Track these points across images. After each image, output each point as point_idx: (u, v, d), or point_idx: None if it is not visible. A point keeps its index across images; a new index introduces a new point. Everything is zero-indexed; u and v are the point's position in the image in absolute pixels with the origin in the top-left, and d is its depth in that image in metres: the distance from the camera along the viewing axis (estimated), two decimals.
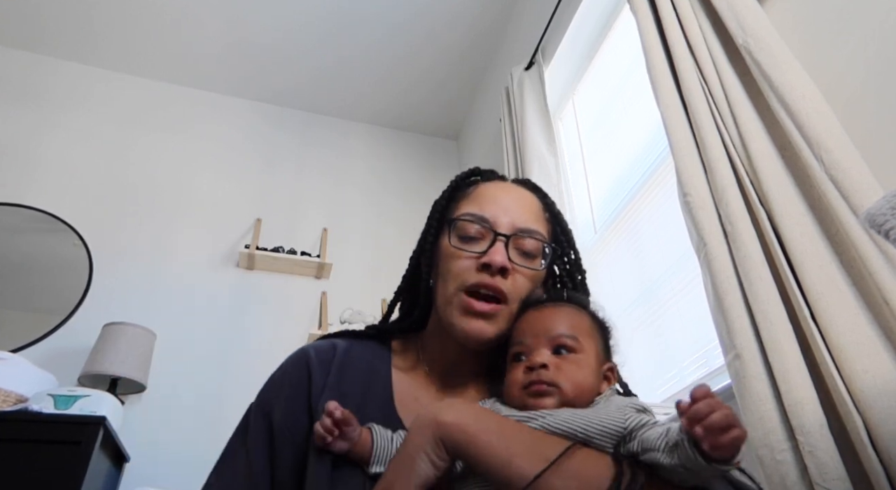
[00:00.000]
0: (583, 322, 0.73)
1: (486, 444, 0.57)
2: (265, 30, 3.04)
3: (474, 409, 0.63)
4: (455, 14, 2.95)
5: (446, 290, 0.77)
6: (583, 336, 0.71)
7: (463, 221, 0.79)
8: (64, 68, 3.15)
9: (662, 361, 1.61)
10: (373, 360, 0.81)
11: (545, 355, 0.68)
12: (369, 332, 0.87)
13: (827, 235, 0.98)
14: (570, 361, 0.68)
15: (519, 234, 0.78)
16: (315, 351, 0.80)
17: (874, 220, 0.61)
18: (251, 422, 0.75)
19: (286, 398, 0.75)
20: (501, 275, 0.75)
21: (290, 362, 0.80)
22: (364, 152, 3.51)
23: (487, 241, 0.76)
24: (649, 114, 1.69)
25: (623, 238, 1.92)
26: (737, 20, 1.20)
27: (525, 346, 0.70)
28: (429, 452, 0.58)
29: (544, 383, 0.66)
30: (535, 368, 0.67)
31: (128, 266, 2.71)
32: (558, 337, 0.69)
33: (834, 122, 1.01)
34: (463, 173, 0.88)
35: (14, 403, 1.94)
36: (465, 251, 0.77)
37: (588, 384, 0.68)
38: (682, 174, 1.22)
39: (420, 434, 0.60)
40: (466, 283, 0.75)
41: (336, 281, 2.96)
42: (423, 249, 0.84)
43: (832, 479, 0.83)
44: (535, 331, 0.71)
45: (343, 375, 0.76)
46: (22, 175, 2.79)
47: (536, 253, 0.79)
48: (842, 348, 0.87)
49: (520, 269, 0.77)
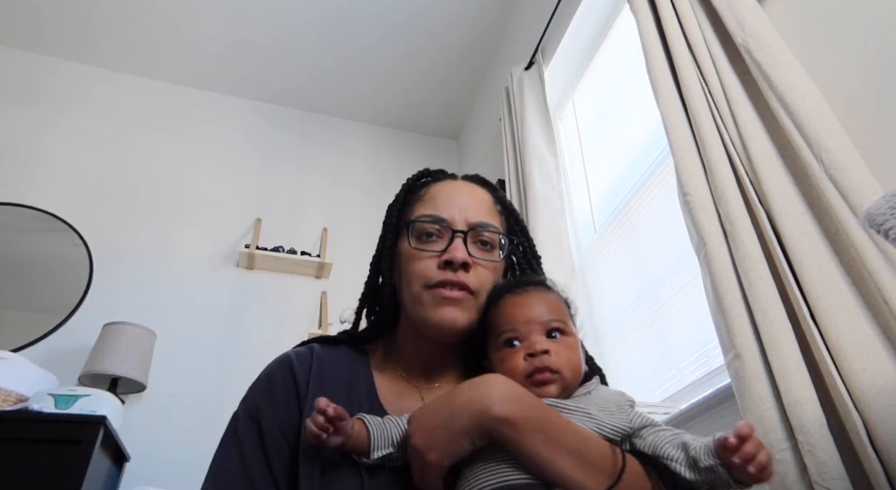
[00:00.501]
0: (561, 304, 0.76)
1: (532, 443, 0.60)
2: (265, 29, 3.04)
3: (520, 399, 0.63)
4: (455, 14, 2.95)
5: (412, 290, 0.79)
6: (566, 318, 0.74)
7: (420, 223, 0.81)
8: (64, 68, 3.15)
9: (662, 361, 1.61)
10: (352, 364, 0.82)
11: (544, 341, 0.70)
12: (341, 337, 0.88)
13: (826, 235, 0.98)
14: (565, 345, 0.70)
15: (476, 229, 0.80)
16: (296, 355, 0.81)
17: (874, 220, 0.61)
18: (241, 428, 0.74)
19: (275, 402, 0.75)
20: (464, 269, 0.77)
21: (274, 367, 0.80)
22: (364, 152, 3.51)
23: (446, 240, 0.79)
24: (649, 113, 1.70)
25: (623, 238, 1.92)
26: (736, 20, 1.20)
27: (517, 331, 0.71)
28: (473, 437, 0.61)
29: (549, 370, 0.67)
30: (536, 355, 0.68)
31: (128, 266, 2.71)
32: (550, 322, 0.71)
33: (833, 122, 1.01)
34: (413, 176, 0.91)
35: (14, 403, 1.94)
36: (426, 251, 0.79)
37: (581, 367, 0.71)
38: (681, 174, 1.22)
39: (467, 418, 0.62)
40: (431, 282, 0.77)
41: (336, 281, 2.96)
42: (381, 254, 0.86)
43: (831, 478, 0.83)
44: (525, 316, 0.72)
45: (324, 377, 0.78)
46: (22, 175, 2.79)
47: (494, 244, 0.82)
48: (841, 347, 0.87)
49: (480, 262, 0.79)
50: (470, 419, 0.61)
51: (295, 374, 0.77)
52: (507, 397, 0.63)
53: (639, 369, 1.68)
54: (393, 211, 0.88)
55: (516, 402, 0.62)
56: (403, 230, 0.83)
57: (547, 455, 0.59)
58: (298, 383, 0.76)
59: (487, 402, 0.62)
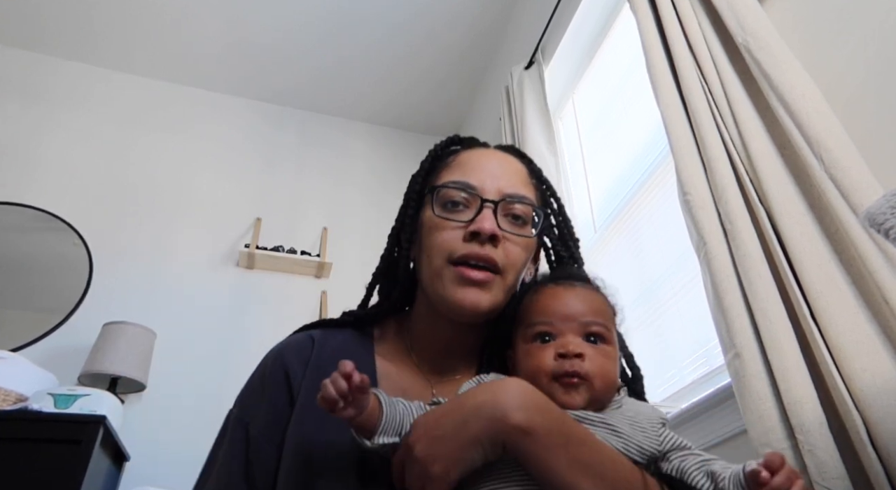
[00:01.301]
0: (607, 307, 0.69)
1: (553, 460, 0.53)
2: (265, 29, 3.04)
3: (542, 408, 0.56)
4: (455, 13, 2.95)
5: (432, 265, 0.72)
6: (610, 324, 0.66)
7: (447, 189, 0.74)
8: (64, 67, 3.15)
9: (662, 360, 1.61)
10: (354, 350, 0.76)
11: (580, 343, 0.63)
12: (346, 319, 0.81)
13: (826, 234, 0.98)
14: (603, 354, 0.64)
15: (507, 200, 0.73)
16: (290, 347, 0.76)
17: (874, 219, 0.61)
18: (230, 431, 0.72)
19: (266, 402, 0.71)
20: (491, 243, 0.70)
21: (266, 363, 0.76)
22: (364, 151, 3.51)
23: (474, 209, 0.72)
24: (649, 113, 1.69)
25: (623, 237, 1.92)
26: (737, 19, 1.20)
27: (552, 326, 0.64)
28: (486, 447, 0.54)
29: (578, 375, 0.61)
30: (568, 356, 0.62)
31: (128, 265, 2.71)
32: (590, 324, 0.64)
33: (834, 122, 1.01)
34: (443, 142, 0.83)
35: (14, 402, 1.94)
36: (452, 220, 0.72)
37: (615, 380, 0.65)
38: (681, 173, 1.22)
39: (479, 424, 0.54)
40: (455, 255, 0.70)
41: (336, 280, 2.96)
42: (402, 224, 0.79)
43: (831, 477, 0.83)
44: (564, 312, 0.65)
45: (322, 369, 0.72)
46: (22, 174, 2.79)
47: (527, 219, 0.74)
48: (841, 347, 0.87)
49: (510, 236, 0.72)
50: (484, 426, 0.54)
51: (287, 367, 0.73)
52: (527, 404, 0.55)
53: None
54: (417, 178, 0.80)
55: (538, 411, 0.55)
56: (427, 197, 0.75)
57: (569, 476, 0.53)
58: (292, 378, 0.71)
59: (505, 407, 0.54)
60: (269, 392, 0.72)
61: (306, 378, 0.71)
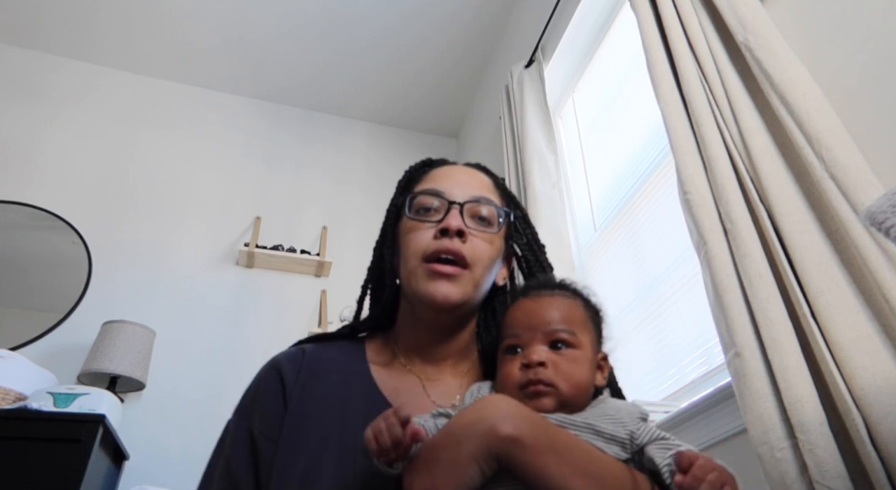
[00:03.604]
0: (577, 312, 0.71)
1: (544, 465, 0.56)
2: (265, 27, 3.04)
3: (528, 417, 0.59)
4: (455, 11, 2.95)
5: (408, 265, 0.79)
6: (579, 328, 0.69)
7: (420, 196, 0.82)
8: (64, 66, 3.15)
9: (662, 360, 1.61)
10: (347, 360, 0.81)
11: (542, 352, 0.66)
12: (341, 332, 0.87)
13: (827, 233, 0.98)
14: (568, 359, 0.66)
15: (472, 201, 0.81)
16: (284, 358, 0.81)
17: (874, 218, 0.61)
18: (231, 438, 0.75)
19: (264, 408, 0.75)
20: (459, 237, 0.77)
21: (263, 373, 0.80)
22: (364, 150, 3.51)
23: (443, 211, 0.79)
24: (649, 111, 1.69)
25: (623, 236, 1.91)
26: (737, 18, 1.20)
27: (519, 338, 0.69)
28: (481, 463, 0.56)
29: (542, 383, 0.64)
30: (531, 366, 0.65)
31: (127, 264, 2.71)
32: (555, 332, 0.68)
33: (834, 120, 1.01)
34: (417, 163, 0.91)
35: (13, 401, 1.94)
36: (424, 221, 0.80)
37: (585, 382, 0.67)
38: (682, 172, 1.22)
39: (473, 441, 0.57)
40: (427, 252, 0.77)
41: (336, 279, 2.96)
42: (384, 237, 0.87)
43: (832, 476, 0.83)
44: (529, 322, 0.69)
45: (316, 373, 0.77)
46: (21, 173, 2.79)
47: (491, 219, 0.82)
48: (841, 346, 0.87)
49: (476, 232, 0.79)
50: (476, 443, 0.56)
51: (282, 375, 0.77)
52: (512, 415, 0.58)
53: (639, 368, 1.67)
54: (395, 195, 0.89)
55: (524, 420, 0.58)
56: (403, 206, 0.83)
57: (560, 478, 0.55)
58: (286, 384, 0.76)
59: (492, 420, 0.57)
60: (266, 396, 0.76)
61: (299, 382, 0.76)
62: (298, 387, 0.75)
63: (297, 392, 0.75)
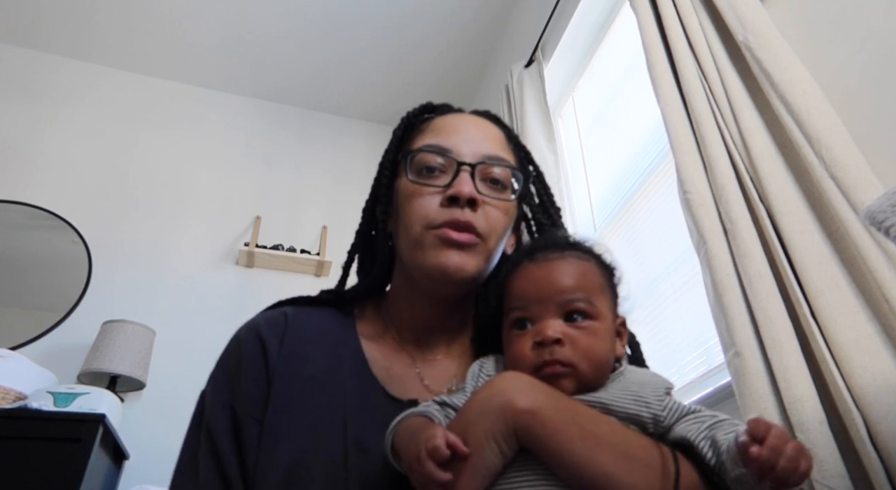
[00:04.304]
0: (593, 275, 0.62)
1: (566, 439, 0.50)
2: (265, 26, 3.03)
3: (545, 391, 0.54)
4: (455, 11, 2.94)
5: (411, 233, 0.69)
6: (596, 295, 0.60)
7: (421, 153, 0.70)
8: (63, 65, 3.14)
9: (662, 359, 1.61)
10: (336, 328, 0.73)
11: (557, 326, 0.58)
12: (326, 297, 0.78)
13: (827, 233, 0.98)
14: (587, 332, 0.58)
15: (485, 163, 0.70)
16: (266, 322, 0.73)
17: (874, 218, 0.61)
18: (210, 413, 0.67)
19: (246, 380, 0.67)
20: (470, 208, 0.67)
21: (242, 340, 0.72)
22: (363, 149, 3.51)
23: (450, 173, 0.68)
24: (649, 111, 1.69)
25: (623, 236, 1.91)
26: (737, 17, 1.20)
27: (528, 310, 0.60)
28: (500, 442, 0.51)
29: (559, 363, 0.56)
30: (546, 344, 0.57)
31: (127, 263, 2.71)
32: (570, 302, 0.59)
33: (834, 120, 1.01)
34: (415, 109, 0.80)
35: (13, 401, 1.94)
36: (428, 185, 0.69)
37: (607, 357, 0.59)
38: (682, 171, 1.22)
39: (489, 419, 0.51)
40: (434, 223, 0.67)
41: (336, 278, 2.94)
42: (377, 196, 0.76)
43: (831, 476, 0.83)
44: (540, 292, 0.60)
45: (299, 345, 0.70)
46: (21, 172, 2.79)
47: (506, 183, 0.71)
48: (841, 345, 0.87)
49: (490, 200, 0.69)
50: (493, 419, 0.51)
51: (265, 345, 0.69)
52: (528, 388, 0.53)
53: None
54: (390, 148, 0.77)
55: (541, 393, 0.53)
56: (402, 163, 0.72)
57: (585, 451, 0.49)
58: (269, 356, 0.68)
59: (507, 394, 0.52)
60: (247, 367, 0.68)
61: (281, 356, 0.68)
62: (282, 362, 0.68)
63: (280, 367, 0.67)
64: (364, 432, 0.62)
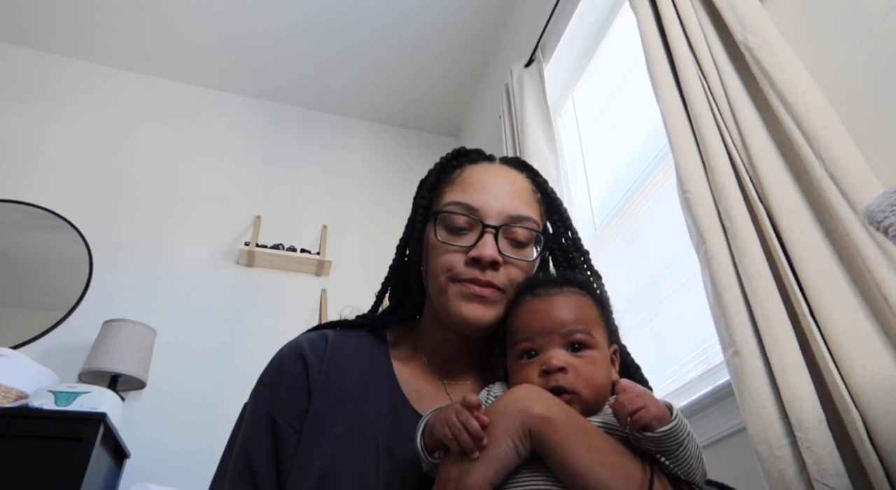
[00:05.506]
0: (590, 309, 0.68)
1: (574, 447, 0.55)
2: (265, 26, 3.04)
3: (559, 404, 0.60)
4: (455, 11, 2.95)
5: (436, 282, 0.74)
6: (593, 327, 0.67)
7: (449, 214, 0.75)
8: (63, 65, 3.15)
9: (662, 358, 1.61)
10: (370, 351, 0.79)
11: (561, 356, 0.63)
12: (361, 321, 0.83)
13: (826, 232, 0.98)
14: (587, 361, 0.64)
15: (509, 224, 0.74)
16: (308, 343, 0.77)
17: (873, 217, 0.61)
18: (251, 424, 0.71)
19: (287, 394, 0.72)
20: (492, 268, 0.72)
21: (284, 355, 0.77)
22: (363, 149, 3.51)
23: (476, 233, 0.73)
24: (649, 111, 1.69)
25: (623, 235, 1.92)
26: (736, 17, 1.20)
27: (534, 342, 0.65)
28: (515, 439, 0.56)
29: (565, 390, 0.62)
30: (552, 372, 0.62)
31: (128, 263, 2.71)
32: (571, 333, 0.65)
33: (834, 120, 1.01)
34: (448, 155, 0.85)
35: (14, 400, 1.94)
36: (453, 245, 0.74)
37: (605, 384, 0.65)
38: (681, 171, 1.22)
39: (507, 420, 0.57)
40: (459, 277, 0.73)
41: (336, 278, 2.97)
42: (410, 237, 0.81)
43: (830, 474, 0.83)
44: (544, 325, 0.65)
45: (338, 364, 0.75)
46: (21, 172, 2.79)
47: (528, 241, 0.76)
48: (840, 345, 0.87)
49: (511, 260, 0.73)
50: (510, 419, 0.57)
51: (307, 363, 0.74)
52: (544, 399, 0.59)
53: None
54: (423, 192, 0.82)
55: (555, 404, 0.59)
56: (431, 218, 0.78)
57: (589, 462, 0.55)
58: (310, 373, 0.73)
59: (526, 401, 0.58)
60: (289, 382, 0.73)
61: (322, 373, 0.73)
62: (321, 378, 0.73)
63: (319, 384, 0.72)
64: (394, 442, 0.68)
